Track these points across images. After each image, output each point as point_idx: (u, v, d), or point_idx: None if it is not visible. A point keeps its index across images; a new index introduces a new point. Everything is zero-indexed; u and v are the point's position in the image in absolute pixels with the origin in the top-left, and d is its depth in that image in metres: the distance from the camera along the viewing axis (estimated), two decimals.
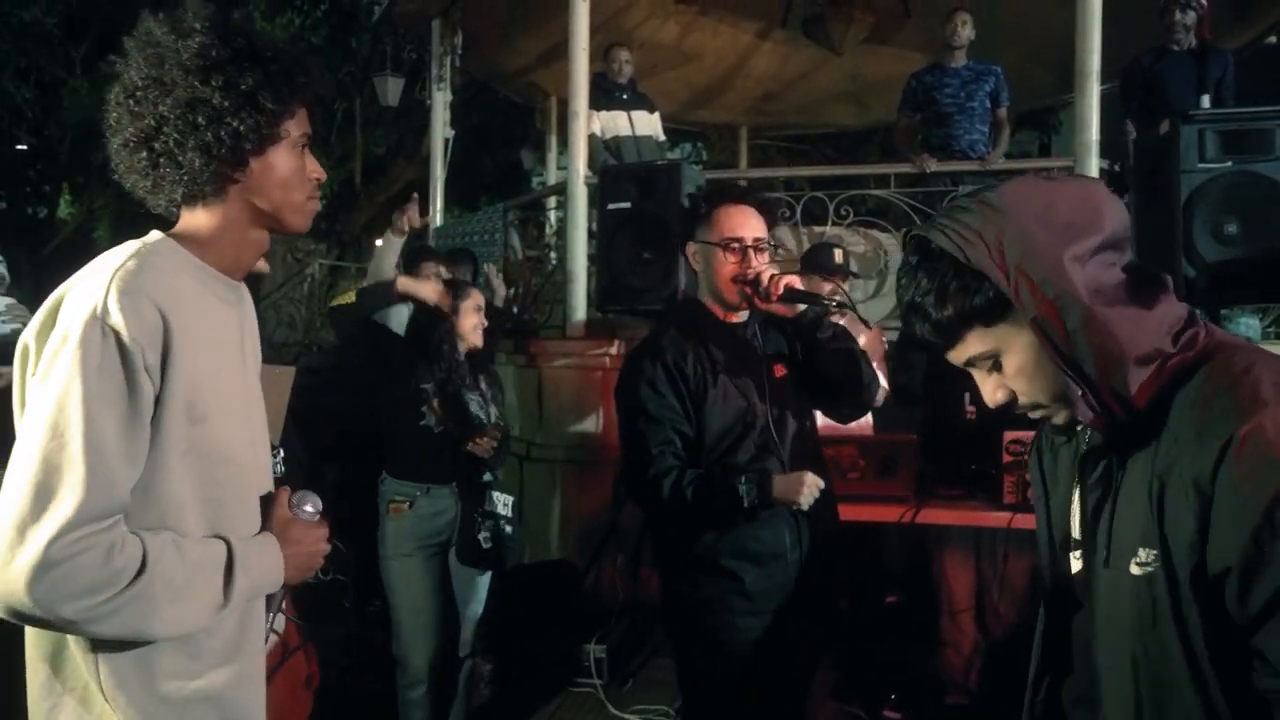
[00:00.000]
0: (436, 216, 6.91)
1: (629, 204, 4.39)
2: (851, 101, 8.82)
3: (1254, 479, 1.01)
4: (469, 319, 3.36)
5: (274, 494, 1.47)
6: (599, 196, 4.68)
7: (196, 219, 1.38)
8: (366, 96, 12.27)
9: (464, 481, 3.31)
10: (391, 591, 3.26)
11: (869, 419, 3.64)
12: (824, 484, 2.23)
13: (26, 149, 13.69)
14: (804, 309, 2.38)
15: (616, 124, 5.95)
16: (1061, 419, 1.19)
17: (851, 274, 4.13)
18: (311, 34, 11.86)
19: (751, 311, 2.45)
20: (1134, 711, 1.16)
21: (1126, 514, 1.15)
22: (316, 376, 4.36)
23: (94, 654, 1.27)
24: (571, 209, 5.24)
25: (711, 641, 2.35)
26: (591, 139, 5.52)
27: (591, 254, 5.11)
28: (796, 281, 2.35)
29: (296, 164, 1.41)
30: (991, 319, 1.14)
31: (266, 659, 1.52)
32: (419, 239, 5.56)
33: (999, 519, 3.22)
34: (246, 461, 1.41)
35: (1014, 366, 1.17)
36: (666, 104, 7.09)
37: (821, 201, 5.48)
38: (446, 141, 6.89)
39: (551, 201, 6.81)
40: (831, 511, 2.49)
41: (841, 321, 2.55)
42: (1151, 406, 1.11)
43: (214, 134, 1.30)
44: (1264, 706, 1.05)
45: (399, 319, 3.46)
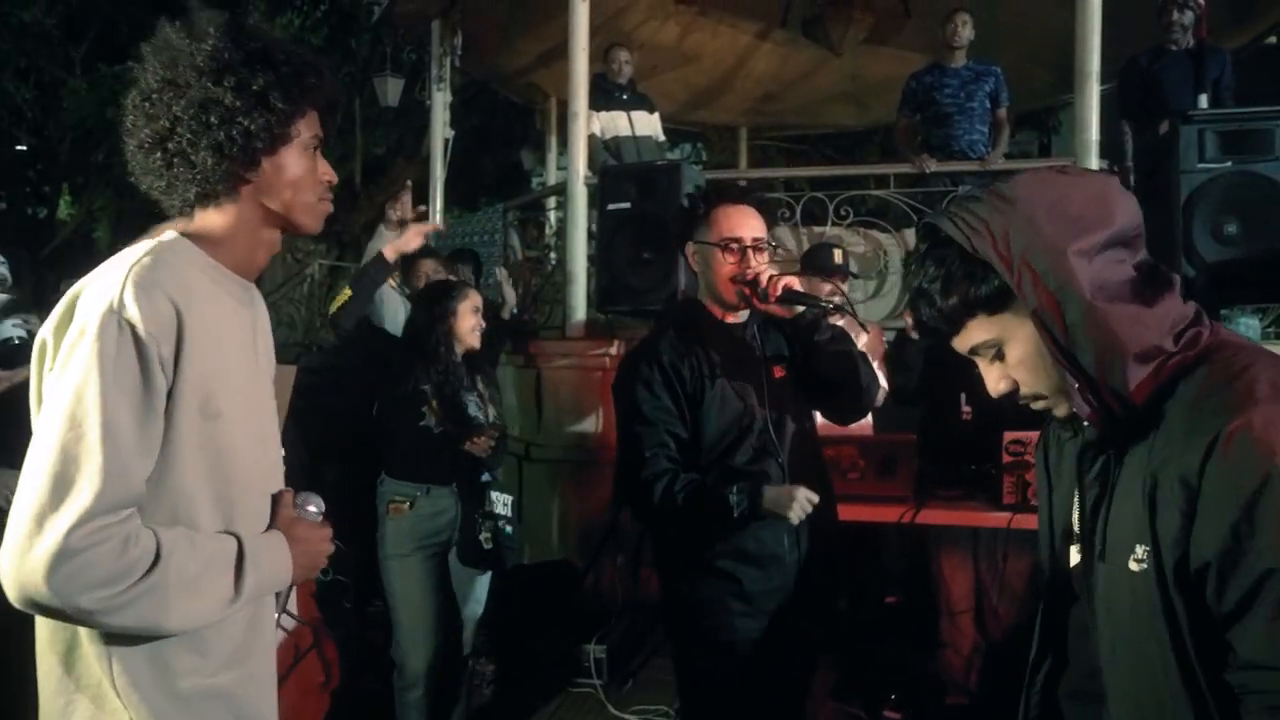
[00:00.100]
0: (436, 217, 6.90)
1: (629, 204, 4.39)
2: (851, 102, 8.81)
3: (1236, 474, 1.01)
4: (466, 320, 3.34)
5: (278, 494, 1.48)
6: (599, 197, 4.68)
7: (210, 219, 1.40)
8: (366, 97, 12.26)
9: (464, 482, 3.31)
10: (391, 592, 3.25)
11: (869, 419, 3.64)
12: (817, 498, 2.20)
13: (26, 149, 13.68)
14: (802, 311, 2.37)
15: (616, 124, 5.95)
16: (1063, 411, 1.20)
17: (851, 274, 4.13)
18: (311, 35, 11.86)
19: (751, 312, 2.43)
20: (1135, 706, 1.16)
21: (1122, 510, 1.15)
22: (316, 376, 4.35)
23: (107, 652, 1.28)
24: (571, 209, 5.23)
25: (711, 642, 2.34)
26: (591, 139, 5.51)
27: (591, 254, 5.11)
28: (795, 282, 2.33)
29: (307, 165, 1.43)
30: (995, 308, 1.15)
31: (278, 661, 1.53)
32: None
33: (998, 519, 3.21)
34: (257, 460, 1.43)
35: (1016, 357, 1.17)
36: (666, 104, 7.08)
37: (821, 202, 5.47)
38: (446, 142, 6.87)
39: (551, 202, 6.80)
40: (831, 512, 2.48)
41: (840, 323, 2.54)
42: (1150, 404, 1.12)
43: (226, 133, 1.32)
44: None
45: (396, 320, 3.47)
